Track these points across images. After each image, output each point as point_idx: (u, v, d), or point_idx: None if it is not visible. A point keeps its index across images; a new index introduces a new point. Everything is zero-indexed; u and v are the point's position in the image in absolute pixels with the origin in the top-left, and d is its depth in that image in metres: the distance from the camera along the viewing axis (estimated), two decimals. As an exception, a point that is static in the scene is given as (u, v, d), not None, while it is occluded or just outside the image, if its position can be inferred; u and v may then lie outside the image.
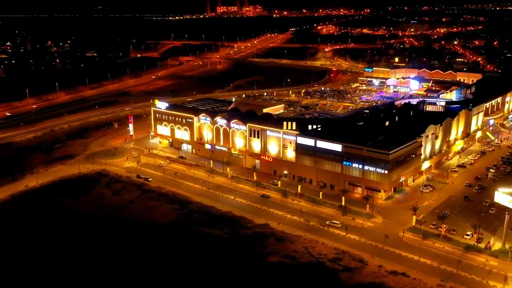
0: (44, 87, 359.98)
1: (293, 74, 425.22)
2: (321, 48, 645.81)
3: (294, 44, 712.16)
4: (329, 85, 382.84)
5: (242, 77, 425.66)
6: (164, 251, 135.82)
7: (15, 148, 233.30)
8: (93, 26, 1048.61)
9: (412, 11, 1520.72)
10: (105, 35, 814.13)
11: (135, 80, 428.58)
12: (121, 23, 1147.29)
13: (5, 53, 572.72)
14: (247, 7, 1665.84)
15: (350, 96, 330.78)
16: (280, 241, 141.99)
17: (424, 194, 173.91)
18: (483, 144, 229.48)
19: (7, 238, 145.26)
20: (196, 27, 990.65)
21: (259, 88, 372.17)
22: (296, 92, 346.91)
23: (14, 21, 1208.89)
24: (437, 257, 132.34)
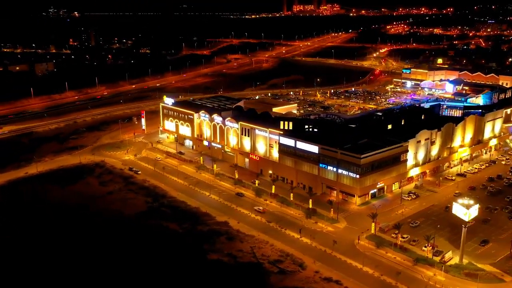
0: (91, 81, 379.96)
1: (334, 74, 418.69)
2: (379, 48, 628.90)
3: (352, 44, 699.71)
4: (364, 86, 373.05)
5: (282, 76, 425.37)
6: (111, 242, 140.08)
7: (35, 137, 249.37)
8: (169, 24, 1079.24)
9: (499, 10, 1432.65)
10: (173, 32, 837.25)
11: (177, 76, 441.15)
12: (198, 21, 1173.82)
13: (70, 49, 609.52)
14: (325, 5, 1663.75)
15: (379, 98, 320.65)
16: (231, 239, 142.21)
17: (404, 202, 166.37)
18: (501, 153, 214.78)
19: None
20: (269, 25, 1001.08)
21: (291, 87, 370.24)
22: (323, 93, 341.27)
23: (98, 18, 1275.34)
24: (382, 267, 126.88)
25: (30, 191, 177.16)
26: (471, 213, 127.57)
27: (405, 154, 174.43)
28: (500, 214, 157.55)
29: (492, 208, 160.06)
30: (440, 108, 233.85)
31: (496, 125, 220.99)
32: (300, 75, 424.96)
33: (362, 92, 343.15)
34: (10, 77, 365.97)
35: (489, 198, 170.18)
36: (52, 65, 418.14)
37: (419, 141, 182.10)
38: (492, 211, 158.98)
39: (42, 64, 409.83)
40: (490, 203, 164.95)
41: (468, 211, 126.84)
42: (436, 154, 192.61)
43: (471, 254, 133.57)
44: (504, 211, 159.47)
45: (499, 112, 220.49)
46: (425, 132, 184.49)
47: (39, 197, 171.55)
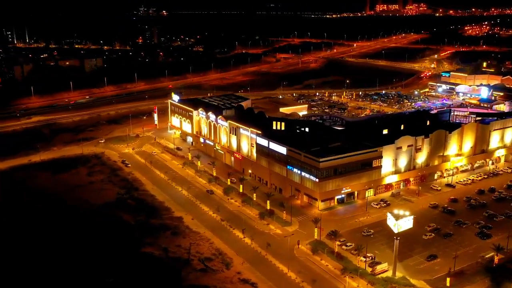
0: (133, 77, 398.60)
1: (378, 76, 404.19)
2: (442, 49, 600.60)
3: (417, 45, 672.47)
4: (399, 89, 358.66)
5: (324, 76, 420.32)
6: (56, 229, 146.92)
7: (56, 128, 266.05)
8: (246, 22, 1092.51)
9: None
10: (242, 31, 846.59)
11: (218, 74, 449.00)
12: (275, 20, 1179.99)
13: (134, 46, 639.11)
14: (410, 5, 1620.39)
15: (407, 102, 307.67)
16: (175, 234, 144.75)
17: (371, 209, 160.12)
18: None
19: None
20: (345, 25, 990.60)
21: (328, 88, 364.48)
22: (349, 94, 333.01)
23: (185, 17, 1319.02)
24: (307, 274, 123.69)
25: (20, 178, 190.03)
26: (400, 224, 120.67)
27: (379, 160, 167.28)
28: (468, 229, 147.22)
29: (462, 223, 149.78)
30: (450, 114, 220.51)
31: (507, 135, 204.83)
32: (341, 76, 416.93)
33: (393, 95, 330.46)
34: (59, 71, 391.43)
35: (468, 212, 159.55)
36: (101, 61, 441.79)
37: (399, 147, 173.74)
38: (461, 225, 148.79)
39: (92, 60, 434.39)
40: (466, 216, 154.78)
41: (397, 222, 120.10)
42: (424, 162, 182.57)
43: (411, 268, 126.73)
44: (474, 226, 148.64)
45: (508, 121, 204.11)
46: (407, 138, 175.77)
47: (24, 184, 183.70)
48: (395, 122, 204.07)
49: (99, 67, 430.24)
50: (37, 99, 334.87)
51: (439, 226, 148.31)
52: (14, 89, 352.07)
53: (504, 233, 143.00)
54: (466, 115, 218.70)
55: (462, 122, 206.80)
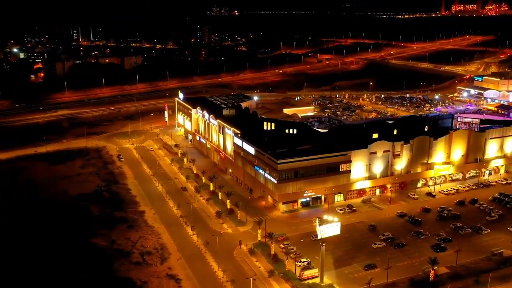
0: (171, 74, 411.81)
1: (415, 78, 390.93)
2: (504, 52, 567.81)
3: (475, 47, 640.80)
4: (427, 93, 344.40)
5: (359, 78, 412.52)
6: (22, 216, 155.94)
7: (75, 121, 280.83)
8: (311, 22, 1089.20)
9: None
10: (299, 31, 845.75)
11: (253, 74, 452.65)
12: (343, 21, 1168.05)
13: (182, 45, 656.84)
14: (490, 5, 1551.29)
15: (428, 106, 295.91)
16: (130, 227, 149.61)
17: (334, 215, 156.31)
18: None
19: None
20: (415, 25, 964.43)
21: (356, 90, 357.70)
22: (369, 97, 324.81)
23: (255, 17, 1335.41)
24: (234, 274, 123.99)
25: (17, 166, 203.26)
26: (324, 231, 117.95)
27: (347, 164, 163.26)
28: (426, 241, 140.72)
29: (422, 234, 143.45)
30: (454, 120, 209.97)
31: (508, 144, 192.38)
32: (376, 78, 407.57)
33: (418, 99, 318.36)
34: (98, 68, 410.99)
35: (436, 223, 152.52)
36: (141, 59, 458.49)
37: (373, 152, 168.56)
38: (419, 236, 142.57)
39: (131, 58, 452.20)
40: (431, 228, 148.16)
41: (320, 228, 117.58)
42: (404, 168, 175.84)
43: (344, 276, 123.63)
44: (434, 238, 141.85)
45: (507, 130, 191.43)
46: (383, 143, 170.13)
47: (17, 172, 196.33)
48: (389, 127, 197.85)
49: (139, 65, 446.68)
50: (70, 94, 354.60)
51: (396, 235, 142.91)
52: (54, 84, 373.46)
53: (461, 247, 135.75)
54: (471, 122, 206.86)
55: (456, 128, 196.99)
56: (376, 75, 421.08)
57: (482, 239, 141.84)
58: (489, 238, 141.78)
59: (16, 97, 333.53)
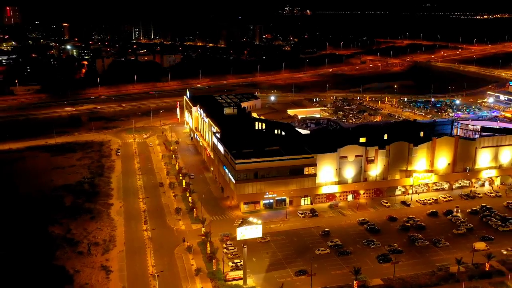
0: (209, 72, 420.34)
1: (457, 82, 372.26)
2: None
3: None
4: (458, 97, 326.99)
5: (399, 80, 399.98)
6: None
7: (94, 116, 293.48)
8: (380, 23, 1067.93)
9: None
10: (355, 31, 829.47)
11: (288, 74, 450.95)
12: (419, 21, 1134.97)
13: (230, 44, 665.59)
14: None
15: (450, 111, 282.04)
16: (93, 219, 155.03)
17: (293, 218, 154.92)
18: (509, 190, 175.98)
19: None
20: (489, 26, 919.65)
21: (388, 93, 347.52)
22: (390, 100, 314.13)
23: (327, 17, 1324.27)
24: (166, 270, 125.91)
25: (21, 156, 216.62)
26: (243, 233, 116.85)
27: (312, 168, 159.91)
28: (374, 251, 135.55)
29: (373, 243, 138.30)
30: (453, 126, 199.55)
31: (503, 154, 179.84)
32: (413, 80, 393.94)
33: (444, 103, 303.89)
34: (136, 65, 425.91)
35: (396, 233, 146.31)
36: (180, 57, 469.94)
37: (344, 156, 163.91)
38: (369, 245, 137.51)
39: (170, 56, 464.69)
40: (388, 237, 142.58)
41: (239, 229, 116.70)
42: (379, 175, 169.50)
43: (272, 280, 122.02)
44: (385, 248, 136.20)
45: (500, 139, 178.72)
46: (354, 148, 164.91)
47: (17, 161, 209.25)
48: (379, 131, 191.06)
49: (177, 63, 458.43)
50: (104, 89, 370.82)
51: (345, 243, 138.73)
52: (91, 80, 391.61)
53: (409, 260, 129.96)
54: (473, 129, 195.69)
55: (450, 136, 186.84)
56: (417, 78, 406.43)
57: (436, 252, 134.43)
58: (444, 252, 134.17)
59: (53, 91, 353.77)
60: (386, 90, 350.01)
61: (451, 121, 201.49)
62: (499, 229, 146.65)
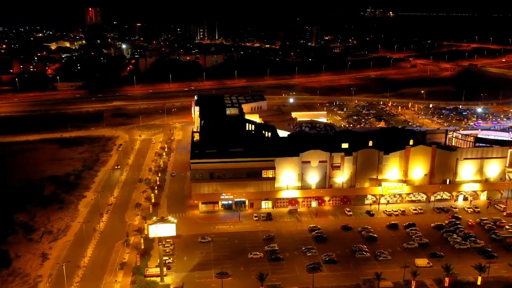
0: (247, 73, 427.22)
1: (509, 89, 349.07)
2: None
3: None
4: (493, 105, 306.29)
5: (439, 85, 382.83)
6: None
7: (117, 113, 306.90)
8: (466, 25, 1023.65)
9: None
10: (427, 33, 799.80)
11: (329, 76, 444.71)
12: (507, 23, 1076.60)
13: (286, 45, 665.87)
14: None
15: (473, 119, 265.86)
16: (60, 209, 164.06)
17: (246, 220, 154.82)
18: (491, 206, 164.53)
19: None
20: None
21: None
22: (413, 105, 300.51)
23: (412, 18, 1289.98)
24: (97, 261, 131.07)
25: (33, 147, 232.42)
26: (155, 231, 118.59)
27: (270, 171, 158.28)
28: (309, 259, 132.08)
29: (310, 250, 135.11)
30: (446, 135, 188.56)
31: (489, 167, 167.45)
32: (457, 86, 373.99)
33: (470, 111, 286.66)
34: (177, 65, 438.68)
35: (344, 243, 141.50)
36: (222, 57, 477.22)
37: (306, 161, 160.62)
38: (306, 253, 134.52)
39: (213, 57, 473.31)
40: (333, 247, 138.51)
41: (151, 226, 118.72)
42: (346, 182, 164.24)
43: (192, 280, 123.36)
44: (321, 257, 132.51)
45: (496, 150, 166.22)
46: (318, 153, 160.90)
47: (25, 152, 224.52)
48: (362, 137, 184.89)
49: (219, 63, 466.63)
50: (139, 87, 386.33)
51: (282, 249, 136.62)
52: (132, 78, 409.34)
53: (339, 271, 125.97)
54: (467, 139, 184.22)
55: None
56: (464, 84, 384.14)
57: (373, 266, 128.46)
58: (381, 266, 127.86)
59: (92, 88, 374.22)
60: (417, 96, 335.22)
61: (446, 130, 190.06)
62: (456, 247, 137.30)
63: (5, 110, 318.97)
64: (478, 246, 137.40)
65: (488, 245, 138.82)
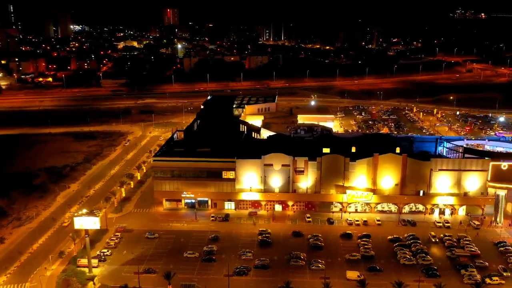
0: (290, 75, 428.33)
1: None
2: None
3: None
4: None
5: (484, 92, 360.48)
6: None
7: (144, 109, 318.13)
8: None
9: None
10: None
11: (373, 79, 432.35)
12: None
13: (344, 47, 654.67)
14: None
15: (499, 129, 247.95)
16: (41, 197, 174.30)
17: (202, 220, 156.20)
18: (468, 220, 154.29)
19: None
20: None
21: (449, 103, 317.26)
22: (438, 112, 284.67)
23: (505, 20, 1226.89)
24: (40, 251, 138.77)
25: (50, 139, 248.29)
26: (79, 222, 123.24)
27: (230, 172, 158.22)
28: (242, 262, 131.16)
29: (245, 254, 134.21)
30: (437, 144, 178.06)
31: (470, 180, 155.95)
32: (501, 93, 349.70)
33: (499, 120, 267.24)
34: (220, 65, 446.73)
35: (286, 249, 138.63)
36: (266, 58, 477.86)
37: (269, 164, 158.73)
38: (241, 256, 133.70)
39: (258, 57, 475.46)
40: (274, 253, 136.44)
41: (75, 218, 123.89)
42: (311, 187, 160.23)
43: (116, 273, 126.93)
44: (254, 261, 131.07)
45: (475, 162, 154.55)
46: (281, 156, 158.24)
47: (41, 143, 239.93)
48: (345, 142, 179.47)
49: (264, 64, 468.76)
50: (177, 86, 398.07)
51: (222, 250, 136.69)
52: (175, 77, 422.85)
53: (265, 277, 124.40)
54: (457, 150, 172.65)
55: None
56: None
57: (302, 274, 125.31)
58: (310, 276, 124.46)
59: (132, 85, 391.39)
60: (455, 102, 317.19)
61: (436, 139, 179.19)
62: (401, 262, 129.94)
63: (46, 104, 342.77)
64: (425, 263, 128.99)
65: (438, 263, 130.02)
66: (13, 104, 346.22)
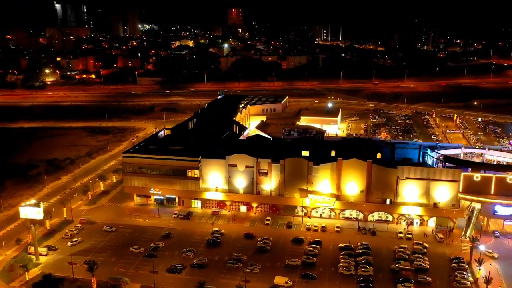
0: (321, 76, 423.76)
1: None
2: None
3: None
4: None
5: None
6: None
7: (167, 107, 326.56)
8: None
9: None
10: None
11: (411, 82, 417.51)
12: None
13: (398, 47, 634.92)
14: None
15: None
16: (31, 187, 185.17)
17: (165, 216, 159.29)
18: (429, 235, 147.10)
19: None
20: None
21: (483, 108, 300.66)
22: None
23: None
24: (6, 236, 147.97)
25: (66, 132, 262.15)
26: (25, 213, 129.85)
27: (194, 171, 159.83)
28: (182, 260, 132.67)
29: (186, 252, 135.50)
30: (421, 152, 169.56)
31: (439, 191, 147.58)
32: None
33: None
34: (257, 65, 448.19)
35: (231, 250, 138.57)
36: (305, 59, 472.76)
37: (233, 165, 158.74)
38: (183, 254, 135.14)
39: (296, 58, 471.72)
40: (218, 253, 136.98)
41: (21, 209, 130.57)
42: (275, 190, 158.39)
43: (59, 264, 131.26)
44: (195, 260, 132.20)
45: (445, 172, 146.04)
46: (244, 157, 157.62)
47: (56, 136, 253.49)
48: (326, 146, 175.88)
49: (303, 64, 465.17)
50: (210, 85, 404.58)
51: (169, 248, 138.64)
52: (209, 76, 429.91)
53: (196, 275, 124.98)
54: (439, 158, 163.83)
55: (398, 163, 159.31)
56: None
57: (232, 277, 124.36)
58: (245, 277, 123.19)
59: (165, 84, 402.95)
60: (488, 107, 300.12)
61: (419, 146, 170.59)
62: (339, 271, 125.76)
63: (80, 99, 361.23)
64: (364, 274, 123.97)
65: (379, 275, 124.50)
66: (52, 98, 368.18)
